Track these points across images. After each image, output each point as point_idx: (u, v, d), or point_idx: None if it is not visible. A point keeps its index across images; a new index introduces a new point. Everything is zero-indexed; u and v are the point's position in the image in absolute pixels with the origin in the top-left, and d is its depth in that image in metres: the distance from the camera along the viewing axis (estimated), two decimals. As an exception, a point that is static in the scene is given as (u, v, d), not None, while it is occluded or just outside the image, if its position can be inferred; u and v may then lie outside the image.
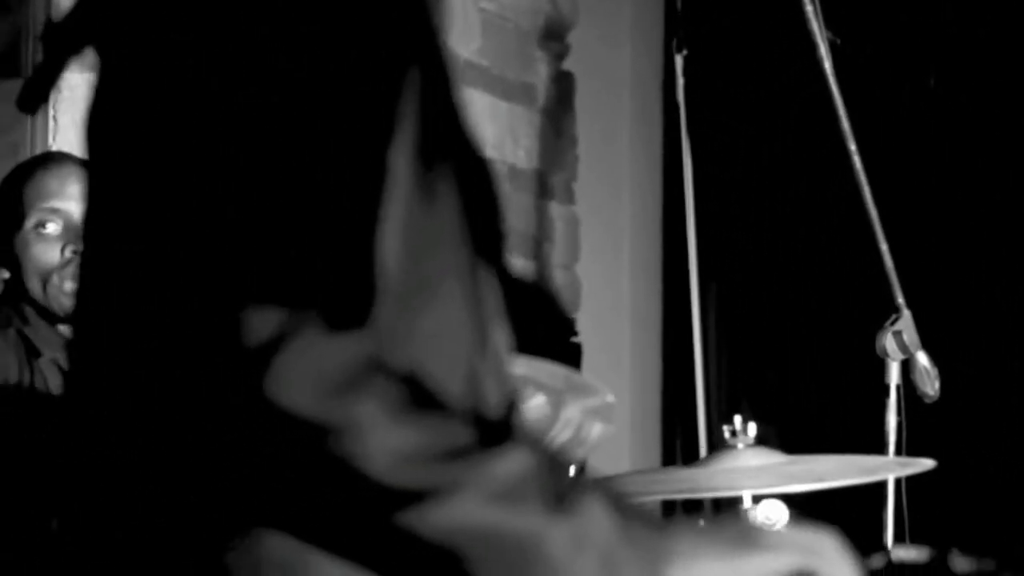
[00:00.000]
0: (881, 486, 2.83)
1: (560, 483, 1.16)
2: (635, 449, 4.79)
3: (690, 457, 4.48)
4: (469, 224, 1.31)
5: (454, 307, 1.29)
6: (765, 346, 4.36)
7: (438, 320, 1.27)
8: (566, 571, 1.14)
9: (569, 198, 4.80)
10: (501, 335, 1.35)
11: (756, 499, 2.54)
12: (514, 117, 4.60)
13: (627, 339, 4.92)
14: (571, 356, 4.31)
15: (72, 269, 2.65)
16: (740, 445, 2.54)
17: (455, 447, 1.13)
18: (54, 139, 3.73)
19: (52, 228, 2.72)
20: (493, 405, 1.31)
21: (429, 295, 1.26)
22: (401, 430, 1.12)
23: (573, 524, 1.14)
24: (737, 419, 2.54)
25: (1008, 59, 4.07)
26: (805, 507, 2.54)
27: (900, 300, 2.82)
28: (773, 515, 2.52)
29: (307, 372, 1.12)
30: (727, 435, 2.54)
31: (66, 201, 2.73)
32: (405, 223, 1.22)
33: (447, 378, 1.24)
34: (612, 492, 1.20)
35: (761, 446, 2.55)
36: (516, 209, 4.51)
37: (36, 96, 1.45)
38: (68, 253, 2.68)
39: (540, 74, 4.75)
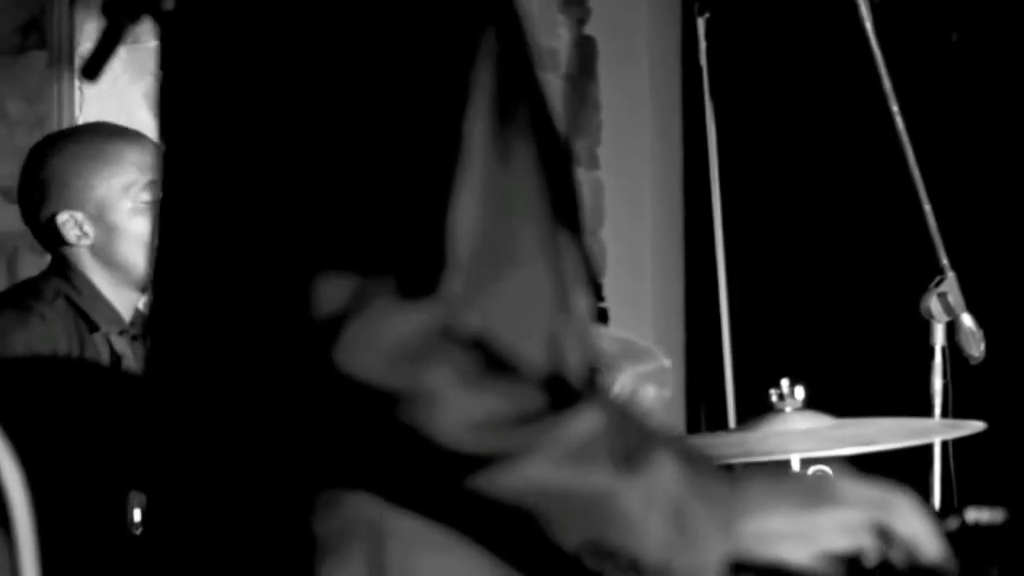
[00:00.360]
0: (927, 449, 2.81)
1: (631, 440, 1.18)
2: (657, 415, 4.77)
3: (716, 424, 4.46)
4: (547, 187, 1.30)
5: (535, 269, 1.28)
6: (802, 310, 4.34)
7: (518, 282, 1.27)
8: (638, 527, 1.16)
9: (593, 164, 4.77)
10: (583, 299, 1.34)
11: (804, 463, 2.53)
12: (537, 83, 4.57)
13: (649, 304, 4.90)
14: (598, 321, 4.29)
15: None
16: (788, 408, 2.52)
17: (527, 411, 1.15)
18: (80, 110, 3.73)
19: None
20: (575, 368, 1.31)
21: (508, 257, 1.26)
22: (473, 397, 1.14)
23: (644, 481, 1.17)
24: (784, 382, 2.52)
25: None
26: (852, 471, 2.53)
27: (944, 261, 2.79)
28: (822, 479, 2.50)
29: (378, 341, 1.13)
30: (774, 398, 2.53)
31: None
32: (483, 187, 1.22)
33: (526, 341, 1.25)
34: (683, 446, 1.21)
35: (809, 409, 2.53)
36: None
37: (99, 63, 1.45)
38: None
39: (562, 39, 4.71)
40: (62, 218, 2.66)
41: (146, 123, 3.84)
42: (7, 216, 4.07)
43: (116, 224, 2.66)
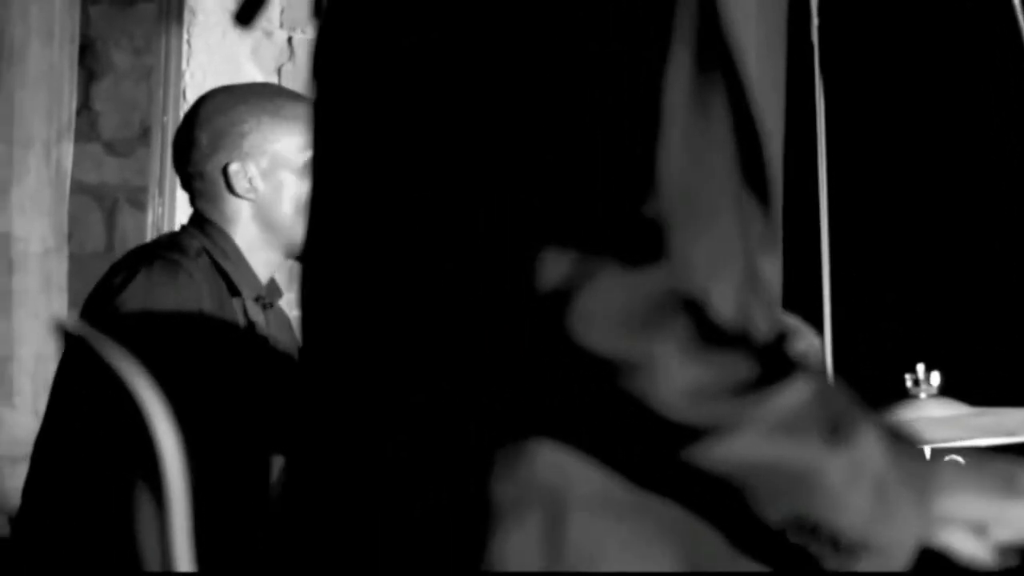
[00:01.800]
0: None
1: (838, 412, 1.17)
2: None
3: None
4: (739, 146, 1.26)
5: (728, 231, 1.25)
6: (922, 294, 4.25)
7: (714, 244, 1.23)
8: (842, 500, 1.15)
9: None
10: (770, 265, 1.29)
11: (935, 452, 2.44)
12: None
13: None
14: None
15: None
16: (923, 395, 2.44)
17: (740, 382, 1.14)
18: (188, 63, 3.69)
19: None
20: (763, 336, 1.28)
21: (704, 217, 1.23)
22: (693, 367, 1.13)
23: (849, 454, 1.15)
24: (920, 367, 2.44)
25: None
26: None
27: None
28: (955, 469, 2.43)
29: (608, 311, 1.11)
30: (909, 384, 2.45)
31: None
32: (681, 141, 1.19)
33: (722, 306, 1.22)
34: (884, 422, 1.20)
35: (944, 397, 2.45)
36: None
37: (253, 9, 1.42)
38: None
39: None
40: (234, 168, 2.58)
41: (252, 77, 3.80)
42: (109, 168, 4.06)
43: (284, 183, 2.59)
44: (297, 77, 3.73)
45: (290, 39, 3.78)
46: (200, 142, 2.59)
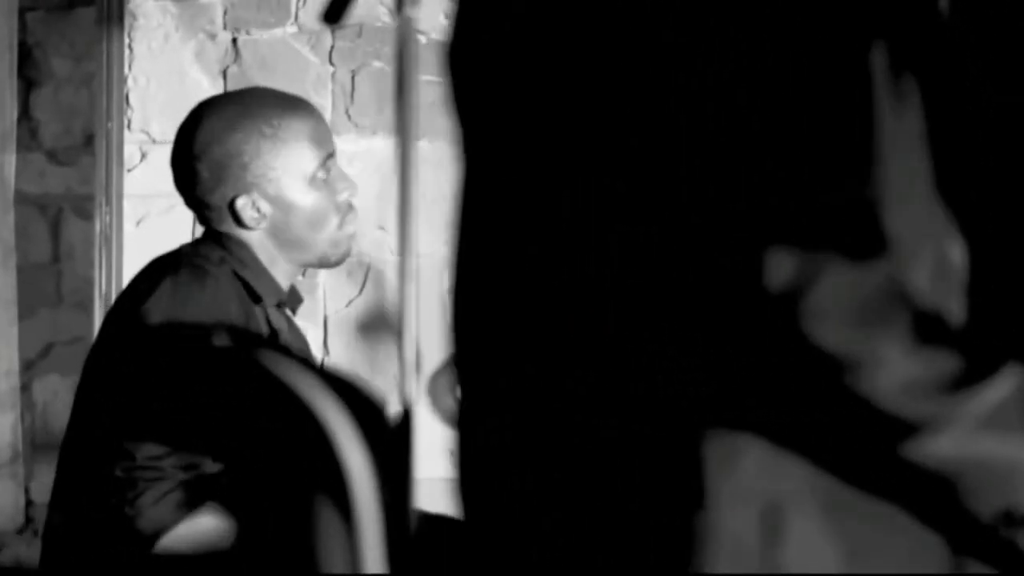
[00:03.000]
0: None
1: None
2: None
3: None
4: (931, 133, 1.25)
5: (923, 215, 1.24)
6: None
7: (915, 228, 1.22)
8: None
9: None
10: (957, 253, 1.29)
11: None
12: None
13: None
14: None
15: (352, 214, 2.59)
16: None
17: (953, 376, 1.15)
18: (129, 68, 3.64)
19: (335, 172, 2.57)
20: (957, 322, 1.28)
21: (907, 201, 1.22)
22: (911, 361, 1.14)
23: None
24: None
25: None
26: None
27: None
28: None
29: (837, 308, 1.13)
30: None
31: (333, 145, 2.60)
32: (888, 123, 1.19)
33: (924, 294, 1.23)
34: None
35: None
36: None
37: (340, 8, 1.42)
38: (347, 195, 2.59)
39: None
40: (241, 202, 2.53)
41: (197, 82, 3.74)
42: (54, 178, 3.99)
43: (294, 203, 2.53)
44: (242, 79, 3.66)
45: (235, 40, 3.71)
46: (201, 175, 2.53)
